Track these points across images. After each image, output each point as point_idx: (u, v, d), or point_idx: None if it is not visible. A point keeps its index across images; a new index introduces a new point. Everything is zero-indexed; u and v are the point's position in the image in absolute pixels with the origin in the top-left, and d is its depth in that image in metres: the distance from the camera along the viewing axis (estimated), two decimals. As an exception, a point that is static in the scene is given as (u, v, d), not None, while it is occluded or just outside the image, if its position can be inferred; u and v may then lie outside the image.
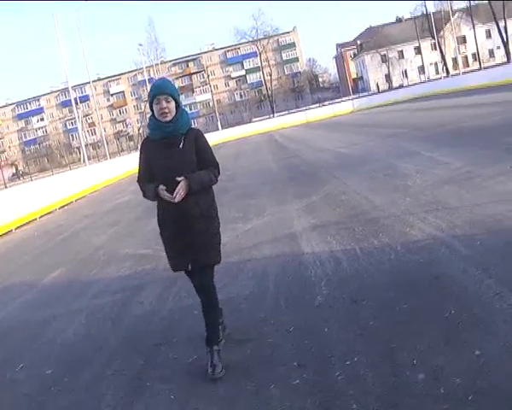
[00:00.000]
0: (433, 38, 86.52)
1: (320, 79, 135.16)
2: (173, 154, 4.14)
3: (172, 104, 4.14)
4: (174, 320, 5.63)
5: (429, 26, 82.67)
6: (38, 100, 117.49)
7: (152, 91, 4.14)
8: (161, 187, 4.09)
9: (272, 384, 3.82)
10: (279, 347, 4.39)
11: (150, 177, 4.27)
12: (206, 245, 4.26)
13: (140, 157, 4.37)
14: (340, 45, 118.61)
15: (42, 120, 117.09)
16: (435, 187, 8.89)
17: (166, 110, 4.09)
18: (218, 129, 75.98)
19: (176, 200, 4.04)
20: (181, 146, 4.16)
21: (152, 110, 4.20)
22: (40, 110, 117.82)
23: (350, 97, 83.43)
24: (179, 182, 4.08)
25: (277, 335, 4.63)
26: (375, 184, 10.60)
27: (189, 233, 4.20)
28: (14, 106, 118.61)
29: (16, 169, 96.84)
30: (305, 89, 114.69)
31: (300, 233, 7.99)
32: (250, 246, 7.98)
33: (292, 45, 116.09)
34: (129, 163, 39.59)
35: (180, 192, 4.04)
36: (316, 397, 3.54)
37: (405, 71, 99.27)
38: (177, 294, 6.45)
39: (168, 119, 4.12)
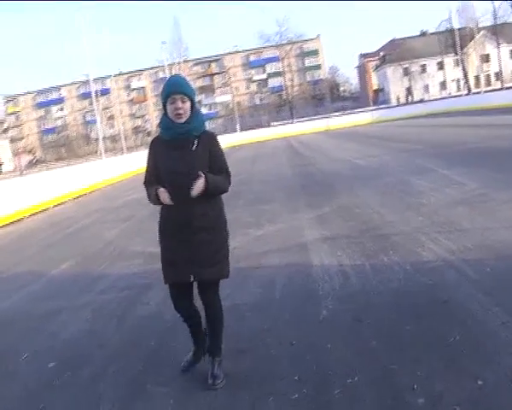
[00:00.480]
0: (457, 55, 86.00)
1: (341, 88, 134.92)
2: (184, 155, 3.93)
3: (188, 104, 3.93)
4: (178, 324, 5.57)
5: (453, 42, 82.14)
6: (59, 90, 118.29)
7: (166, 89, 3.92)
8: (162, 189, 3.89)
9: (270, 397, 3.81)
10: (280, 359, 4.38)
11: (157, 179, 4.05)
12: (211, 259, 4.01)
13: (148, 157, 4.17)
14: (362, 55, 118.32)
15: (62, 110, 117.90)
16: (448, 207, 8.84)
17: (181, 111, 3.89)
18: (236, 131, 76.04)
19: (192, 194, 3.82)
20: (193, 148, 3.95)
21: (165, 108, 3.99)
22: (60, 100, 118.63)
23: (370, 108, 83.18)
24: (186, 187, 3.85)
25: (280, 347, 4.61)
26: (389, 199, 10.57)
27: (193, 244, 3.96)
28: (34, 94, 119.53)
29: (34, 157, 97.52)
30: (325, 97, 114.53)
31: (311, 244, 7.97)
32: (260, 253, 7.97)
33: (315, 53, 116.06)
34: (145, 159, 39.69)
35: (197, 188, 3.82)
36: (313, 414, 3.53)
37: (427, 86, 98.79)
38: (183, 297, 6.44)
39: (183, 120, 3.92)
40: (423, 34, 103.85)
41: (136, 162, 37.14)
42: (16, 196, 18.98)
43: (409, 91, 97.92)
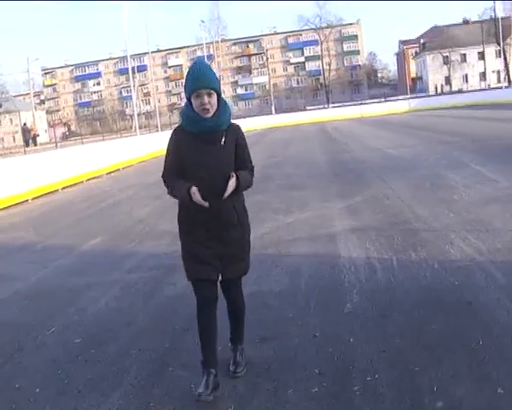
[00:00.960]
0: (499, 45, 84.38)
1: (379, 75, 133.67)
2: (213, 150, 3.74)
3: (215, 98, 3.72)
4: (203, 307, 5.66)
5: (496, 31, 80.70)
6: (97, 65, 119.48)
7: (192, 83, 3.68)
8: (195, 188, 3.63)
9: (291, 389, 3.83)
10: (303, 351, 4.40)
11: (179, 174, 3.83)
12: (240, 255, 3.92)
13: (168, 148, 3.92)
14: (402, 42, 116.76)
15: (98, 84, 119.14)
16: (480, 205, 8.76)
17: (208, 106, 3.67)
18: (271, 113, 75.89)
19: (225, 196, 3.66)
20: (222, 142, 3.77)
21: (189, 101, 3.75)
22: (97, 75, 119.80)
23: (407, 96, 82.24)
24: (216, 183, 3.70)
25: (303, 338, 4.64)
26: (421, 192, 10.50)
27: (222, 241, 3.81)
28: (72, 68, 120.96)
29: (68, 129, 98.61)
30: (362, 83, 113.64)
31: (339, 234, 7.97)
32: (288, 240, 7.99)
33: (354, 37, 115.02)
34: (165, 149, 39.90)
35: (229, 189, 3.66)
36: (331, 408, 3.56)
37: (466, 75, 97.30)
38: (209, 280, 6.50)
39: (210, 115, 3.70)
40: (466, 22, 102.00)
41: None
42: (51, 168, 19.26)
43: (447, 81, 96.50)
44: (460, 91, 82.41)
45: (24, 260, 8.95)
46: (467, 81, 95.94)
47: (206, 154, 3.74)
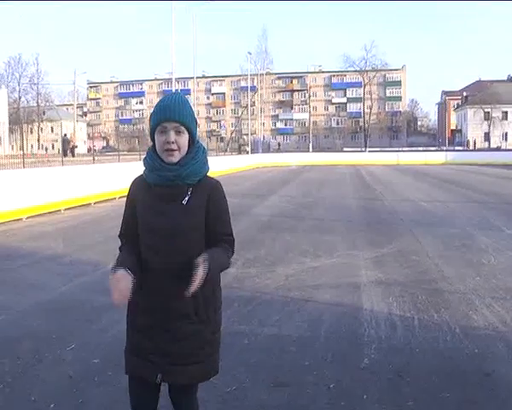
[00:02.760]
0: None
1: (419, 123, 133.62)
2: (171, 211, 2.81)
3: (185, 138, 2.82)
4: (223, 343, 5.65)
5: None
6: (141, 84, 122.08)
7: (157, 113, 2.81)
8: (119, 275, 2.71)
9: (300, 439, 3.87)
10: (316, 401, 4.42)
11: (134, 236, 2.97)
12: (190, 357, 2.86)
13: (126, 203, 3.04)
14: (445, 93, 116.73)
15: (141, 103, 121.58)
16: (509, 272, 8.68)
17: (174, 146, 2.78)
18: (308, 150, 76.16)
19: (189, 292, 2.64)
20: (184, 202, 2.81)
21: (152, 139, 2.89)
22: (141, 94, 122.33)
23: (444, 148, 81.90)
24: (168, 259, 2.81)
25: (317, 388, 4.66)
26: (449, 251, 10.45)
27: (172, 335, 2.84)
28: (117, 84, 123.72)
29: (107, 143, 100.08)
30: (401, 129, 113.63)
31: (364, 285, 7.98)
32: (312, 285, 8.02)
33: (397, 83, 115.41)
34: (215, 165, 40.29)
35: (195, 283, 2.61)
36: None
37: (506, 134, 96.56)
38: (231, 316, 6.52)
39: (175, 159, 2.79)
40: (510, 80, 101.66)
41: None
42: (87, 181, 19.62)
43: (487, 137, 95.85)
44: (498, 149, 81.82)
45: (51, 271, 9.11)
46: (506, 139, 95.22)
47: (159, 214, 2.82)
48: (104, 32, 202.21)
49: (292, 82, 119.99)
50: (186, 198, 2.82)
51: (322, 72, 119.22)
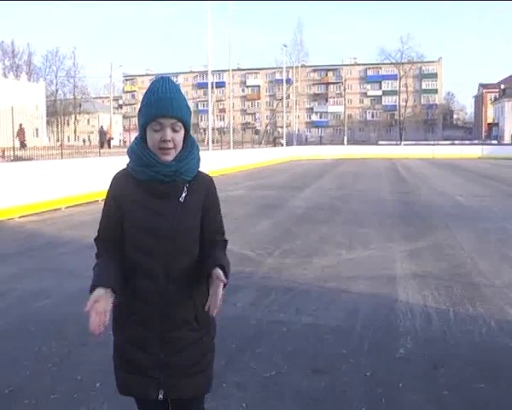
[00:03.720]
0: None
1: (454, 116, 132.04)
2: (166, 209, 2.54)
3: (181, 135, 2.56)
4: (261, 331, 5.91)
5: None
6: (176, 76, 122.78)
7: (150, 107, 2.51)
8: (97, 295, 2.40)
9: (338, 423, 4.02)
10: (352, 388, 4.56)
11: (116, 241, 2.61)
12: (194, 367, 2.62)
13: (106, 202, 2.68)
14: (482, 86, 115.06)
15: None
16: (545, 267, 8.71)
17: (171, 145, 2.51)
18: (343, 143, 75.85)
19: (213, 312, 2.43)
20: (182, 199, 2.56)
21: (142, 132, 2.58)
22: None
23: (480, 142, 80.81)
24: (167, 257, 2.53)
25: (353, 376, 4.79)
26: (485, 245, 10.47)
27: (169, 344, 2.57)
28: (152, 77, 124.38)
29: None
30: (437, 123, 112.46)
31: (400, 278, 8.07)
32: (348, 277, 8.15)
33: (433, 76, 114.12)
34: (250, 157, 40.48)
35: (218, 302, 2.41)
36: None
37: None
38: (269, 305, 6.74)
39: (170, 158, 2.53)
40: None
41: (241, 158, 37.92)
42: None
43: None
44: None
45: (91, 259, 9.31)
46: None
47: (155, 213, 2.54)
48: (140, 26, 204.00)
49: (327, 75, 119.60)
50: (183, 195, 2.57)
51: (358, 64, 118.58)
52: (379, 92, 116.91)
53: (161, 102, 2.49)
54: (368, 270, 8.56)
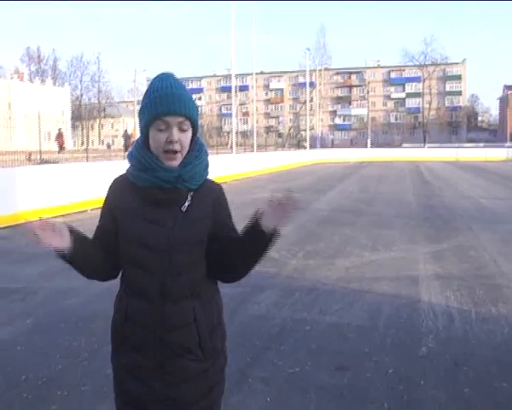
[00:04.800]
0: None
1: (479, 118, 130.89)
2: (167, 219, 2.23)
3: (189, 135, 2.26)
4: (285, 329, 6.02)
5: None
6: (200, 80, 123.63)
7: (155, 104, 2.20)
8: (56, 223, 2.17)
9: (360, 418, 4.12)
10: (374, 385, 4.65)
11: (106, 248, 2.34)
12: (201, 402, 2.27)
13: (103, 209, 2.43)
14: (507, 87, 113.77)
15: (199, 99, 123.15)
16: None
17: (177, 146, 2.21)
18: (366, 146, 75.64)
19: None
20: (184, 208, 2.24)
21: (144, 132, 2.28)
22: (200, 90, 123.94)
23: (506, 144, 79.96)
24: (162, 274, 2.21)
25: (376, 373, 4.88)
26: (508, 247, 10.47)
27: (171, 376, 2.23)
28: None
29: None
30: (461, 125, 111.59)
31: (422, 279, 8.12)
32: (371, 278, 8.22)
33: (457, 78, 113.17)
34: (273, 160, 40.59)
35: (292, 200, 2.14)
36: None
37: None
38: (293, 305, 6.86)
39: (176, 163, 2.24)
40: None
41: (265, 161, 38.04)
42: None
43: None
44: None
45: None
46: None
47: (151, 223, 2.23)
48: (163, 30, 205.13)
49: (350, 77, 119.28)
50: (186, 204, 2.25)
51: (381, 67, 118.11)
52: (402, 95, 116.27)
53: (168, 98, 2.20)
54: (391, 271, 8.62)
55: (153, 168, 2.21)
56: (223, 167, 28.05)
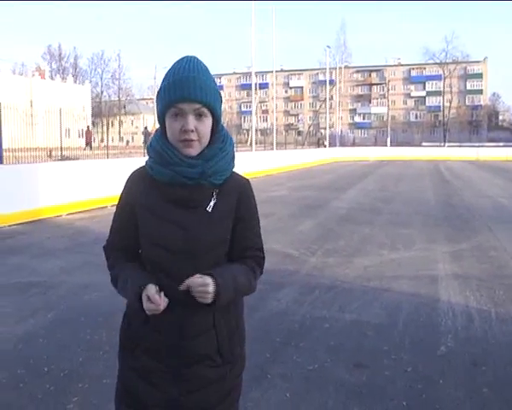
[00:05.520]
0: None
1: (500, 117, 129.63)
2: (191, 220, 2.08)
3: (208, 124, 2.07)
4: (305, 326, 6.05)
5: None
6: (220, 78, 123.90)
7: (169, 90, 2.03)
8: (151, 290, 1.97)
9: (379, 415, 4.14)
10: (393, 382, 4.67)
11: (129, 250, 2.23)
12: (217, 408, 2.18)
13: (119, 205, 2.26)
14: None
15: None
16: None
17: (194, 136, 2.03)
18: (386, 145, 75.33)
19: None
20: (209, 208, 2.09)
21: (161, 120, 2.12)
22: (219, 87, 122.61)
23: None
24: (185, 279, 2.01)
25: (394, 370, 4.90)
26: (529, 248, 10.42)
27: (186, 382, 2.13)
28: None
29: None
30: (482, 124, 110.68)
31: (442, 278, 8.11)
32: (390, 276, 8.22)
33: (479, 76, 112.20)
34: (293, 158, 40.56)
35: (205, 293, 1.98)
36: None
37: None
38: (312, 302, 6.88)
39: (194, 152, 2.06)
40: None
41: (284, 159, 38.04)
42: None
43: None
44: None
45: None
46: None
47: (173, 225, 2.08)
48: (184, 28, 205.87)
49: (370, 75, 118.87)
50: (211, 203, 2.09)
51: (401, 65, 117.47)
52: (423, 93, 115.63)
53: (182, 83, 2.00)
54: (410, 270, 8.62)
55: (175, 162, 2.04)
56: (242, 165, 28.07)
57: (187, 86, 1.99)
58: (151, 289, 1.97)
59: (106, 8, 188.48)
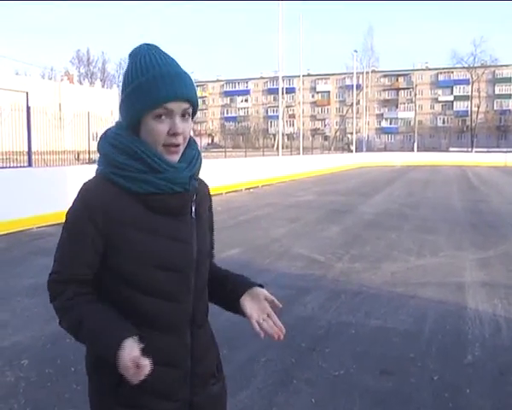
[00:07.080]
0: None
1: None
2: (186, 231, 1.86)
3: (191, 124, 1.85)
4: (330, 332, 6.06)
5: None
6: (247, 82, 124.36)
7: (155, 87, 1.73)
8: (135, 351, 1.61)
9: (405, 423, 4.14)
10: (419, 390, 4.66)
11: (88, 282, 1.83)
12: None
13: (74, 226, 1.80)
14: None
15: (246, 101, 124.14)
16: None
17: (181, 140, 1.80)
18: (412, 150, 74.81)
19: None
20: (193, 214, 1.89)
21: (134, 122, 1.80)
22: (246, 92, 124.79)
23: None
24: (187, 301, 1.86)
25: (421, 378, 4.88)
26: (559, 257, 10.29)
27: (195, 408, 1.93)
28: (223, 83, 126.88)
29: (212, 140, 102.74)
30: (511, 129, 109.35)
31: (469, 286, 8.06)
32: (417, 283, 8.18)
33: (508, 80, 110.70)
34: (319, 163, 40.54)
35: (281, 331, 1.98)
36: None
37: None
38: (338, 307, 6.89)
39: (178, 156, 1.83)
40: None
41: (311, 164, 38.04)
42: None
43: None
44: None
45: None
46: None
47: (172, 240, 1.82)
48: (210, 32, 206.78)
49: (397, 80, 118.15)
50: (193, 209, 1.89)
51: (429, 69, 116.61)
52: (450, 97, 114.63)
53: (172, 79, 1.75)
54: (437, 277, 8.57)
55: (164, 169, 1.77)
56: (268, 169, 28.19)
57: (178, 83, 1.76)
58: (135, 350, 1.63)
59: (133, 13, 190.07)
